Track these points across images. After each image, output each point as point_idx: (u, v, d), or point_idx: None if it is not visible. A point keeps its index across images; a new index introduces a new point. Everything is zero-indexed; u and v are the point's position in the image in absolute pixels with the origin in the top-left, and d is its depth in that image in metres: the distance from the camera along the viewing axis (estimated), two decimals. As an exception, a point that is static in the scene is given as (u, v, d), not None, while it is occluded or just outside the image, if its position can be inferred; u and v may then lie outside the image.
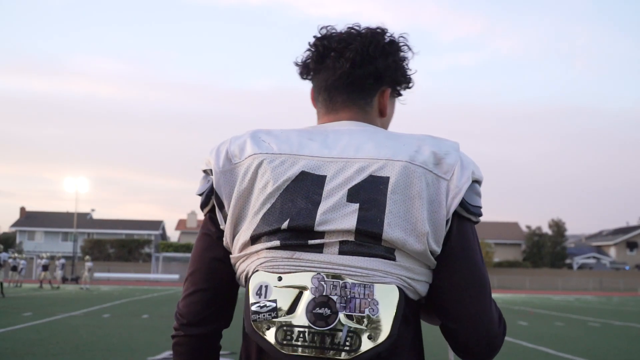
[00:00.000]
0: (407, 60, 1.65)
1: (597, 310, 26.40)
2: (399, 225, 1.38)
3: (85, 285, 39.47)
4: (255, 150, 1.50)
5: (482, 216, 1.50)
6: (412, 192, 1.39)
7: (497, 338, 1.48)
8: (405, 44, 1.64)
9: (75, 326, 14.34)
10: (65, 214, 78.19)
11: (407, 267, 1.40)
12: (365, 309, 1.35)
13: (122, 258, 67.41)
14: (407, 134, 1.52)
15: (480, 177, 1.47)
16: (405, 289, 1.40)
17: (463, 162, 1.45)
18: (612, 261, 78.32)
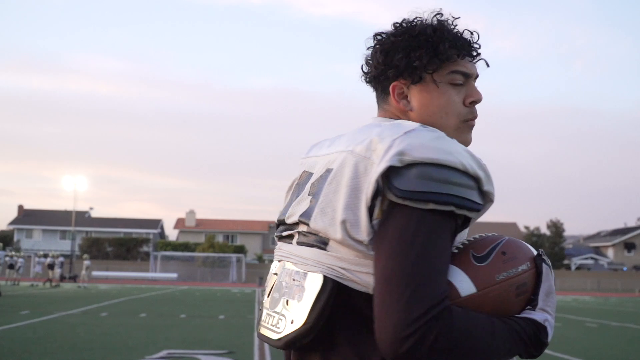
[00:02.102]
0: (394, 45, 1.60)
1: (594, 311, 26.41)
2: (325, 215, 1.43)
3: (83, 283, 39.43)
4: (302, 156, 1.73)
5: (439, 204, 1.34)
6: (343, 181, 1.42)
7: (401, 344, 1.27)
8: (387, 35, 1.63)
9: (72, 325, 14.33)
10: (64, 212, 78.12)
11: (340, 257, 1.41)
12: (295, 296, 1.46)
13: (120, 257, 67.38)
14: (394, 123, 1.50)
15: (421, 157, 1.36)
16: (339, 279, 1.41)
17: (394, 144, 1.38)
18: (610, 262, 78.38)
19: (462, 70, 1.58)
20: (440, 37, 1.57)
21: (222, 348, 10.73)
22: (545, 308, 1.47)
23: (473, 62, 1.62)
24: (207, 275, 59.58)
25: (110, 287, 40.64)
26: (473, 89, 1.60)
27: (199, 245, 66.26)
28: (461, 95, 1.59)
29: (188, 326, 14.66)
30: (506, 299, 1.43)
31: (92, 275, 48.45)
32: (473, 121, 1.61)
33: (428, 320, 1.28)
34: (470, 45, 1.61)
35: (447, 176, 1.36)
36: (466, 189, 1.38)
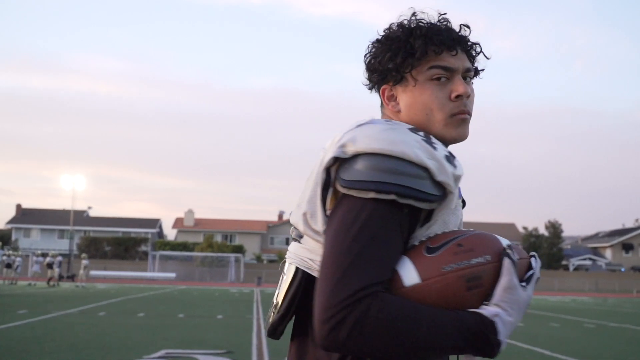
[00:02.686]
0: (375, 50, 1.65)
1: (592, 312, 26.42)
2: (299, 209, 1.55)
3: (81, 283, 39.38)
4: None
5: (381, 192, 1.37)
6: (312, 176, 1.52)
7: (323, 326, 1.31)
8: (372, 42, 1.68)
9: (70, 324, 14.31)
10: (62, 211, 78.11)
11: (309, 249, 1.53)
12: (280, 287, 1.59)
13: (118, 256, 67.34)
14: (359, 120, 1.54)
15: (364, 148, 1.40)
16: (308, 269, 1.52)
17: (344, 137, 1.45)
18: (608, 263, 78.45)
19: (441, 65, 1.58)
20: (415, 35, 1.59)
21: (221, 348, 10.72)
22: (499, 303, 1.38)
23: (457, 55, 1.60)
24: (205, 275, 59.54)
25: (108, 286, 40.62)
26: (457, 82, 1.58)
27: (197, 245, 66.23)
28: (446, 91, 1.58)
29: (186, 326, 14.65)
30: (454, 291, 1.38)
31: (91, 274, 48.36)
32: (463, 115, 1.58)
33: (350, 304, 1.30)
34: (453, 39, 1.60)
35: (391, 166, 1.39)
36: (412, 178, 1.39)
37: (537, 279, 1.45)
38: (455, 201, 1.50)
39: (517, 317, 1.41)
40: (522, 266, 1.46)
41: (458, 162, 1.48)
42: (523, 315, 1.43)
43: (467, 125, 1.61)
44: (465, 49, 1.63)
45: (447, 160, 1.44)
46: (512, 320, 1.40)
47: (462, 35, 1.63)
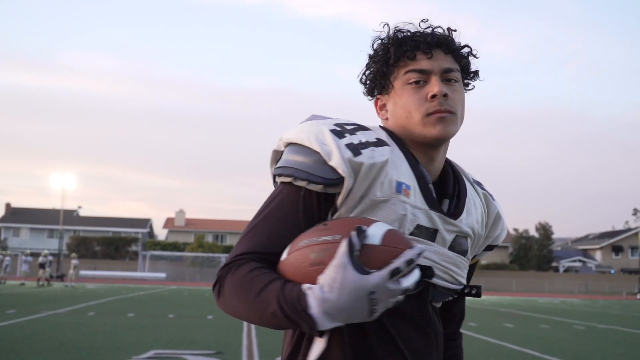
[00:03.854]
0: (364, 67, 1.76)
1: (582, 313, 26.51)
2: None
3: (70, 283, 39.22)
4: None
5: (282, 176, 1.58)
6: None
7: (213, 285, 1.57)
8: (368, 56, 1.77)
9: (59, 324, 14.25)
10: (52, 210, 77.80)
11: None
12: None
13: (108, 256, 67.16)
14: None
15: (285, 139, 1.61)
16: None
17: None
18: (598, 265, 78.74)
19: (415, 69, 1.65)
20: (390, 44, 1.68)
21: (210, 348, 10.70)
22: (321, 279, 1.40)
23: (432, 57, 1.65)
24: (196, 275, 59.44)
25: (98, 286, 40.50)
26: (432, 83, 1.63)
27: (188, 245, 66.14)
28: (424, 92, 1.64)
29: (176, 326, 14.61)
30: (299, 266, 1.45)
31: (80, 274, 48.25)
32: (440, 114, 1.62)
33: (222, 269, 1.55)
34: (428, 42, 1.66)
35: (294, 152, 1.58)
36: (309, 162, 1.55)
37: (398, 272, 1.37)
38: (388, 194, 1.56)
39: (338, 297, 1.38)
40: (379, 252, 1.41)
41: (368, 152, 1.55)
42: (353, 298, 1.37)
43: (448, 123, 1.63)
44: (448, 50, 1.68)
45: (348, 148, 1.53)
46: (331, 299, 1.38)
47: (441, 37, 1.69)
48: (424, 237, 1.61)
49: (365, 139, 1.59)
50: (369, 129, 1.65)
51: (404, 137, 1.68)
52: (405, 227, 1.58)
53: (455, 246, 1.69)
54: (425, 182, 1.64)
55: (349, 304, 1.38)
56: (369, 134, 1.62)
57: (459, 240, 1.70)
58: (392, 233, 1.45)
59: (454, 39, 1.71)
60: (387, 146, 1.61)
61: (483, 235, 1.81)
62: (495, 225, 1.85)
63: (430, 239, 1.62)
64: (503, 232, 1.89)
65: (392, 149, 1.63)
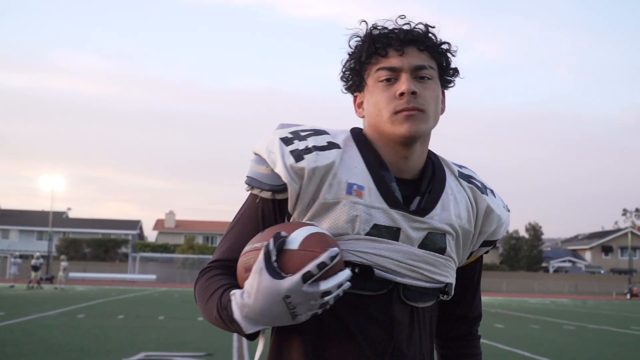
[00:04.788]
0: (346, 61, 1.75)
1: (572, 314, 26.61)
2: None
3: (60, 285, 39.05)
4: None
5: (246, 185, 1.66)
6: None
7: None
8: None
9: (49, 326, 14.21)
10: (41, 212, 77.45)
11: None
12: None
13: (98, 258, 66.88)
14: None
15: (253, 149, 1.66)
16: None
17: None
18: (588, 265, 79.01)
19: (385, 66, 1.64)
20: (365, 39, 1.68)
21: (201, 350, 10.68)
22: (245, 285, 1.47)
23: (403, 55, 1.63)
24: (186, 277, 59.30)
25: (87, 288, 40.35)
26: (401, 80, 1.62)
27: (178, 246, 65.97)
28: (393, 90, 1.63)
29: (166, 328, 14.59)
30: (239, 272, 1.54)
31: (70, 276, 48.07)
32: (408, 112, 1.60)
33: (198, 275, 1.66)
34: (400, 39, 1.64)
35: (254, 161, 1.64)
36: (259, 171, 1.62)
37: (310, 275, 1.39)
38: (338, 196, 1.58)
39: (255, 302, 1.43)
40: (296, 257, 1.43)
41: (312, 156, 1.57)
42: (269, 303, 1.41)
43: (416, 121, 1.61)
44: (422, 47, 1.66)
45: (292, 154, 1.57)
46: (249, 304, 1.44)
47: (416, 34, 1.66)
48: (384, 237, 1.59)
49: (314, 144, 1.60)
50: (327, 133, 1.66)
51: (377, 135, 1.67)
52: (359, 228, 1.58)
53: (427, 244, 1.65)
54: (384, 182, 1.62)
55: (267, 308, 1.43)
56: (322, 138, 1.63)
57: (432, 237, 1.66)
58: (313, 237, 1.46)
59: (431, 35, 1.68)
60: (336, 149, 1.61)
61: (472, 230, 1.76)
62: (488, 220, 1.79)
63: (392, 237, 1.60)
64: (502, 227, 1.83)
65: (345, 151, 1.63)
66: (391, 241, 1.60)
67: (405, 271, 1.61)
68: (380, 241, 1.59)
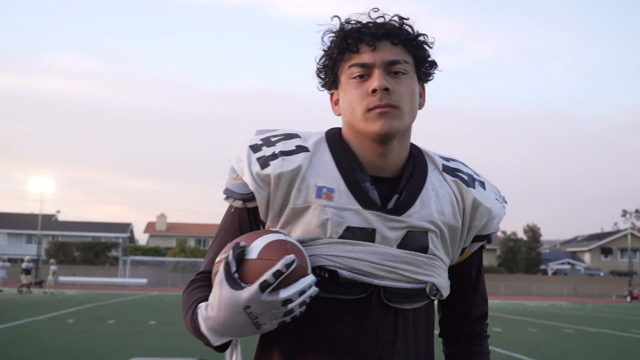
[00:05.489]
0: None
1: (571, 317, 26.65)
2: None
3: (49, 289, 38.99)
4: None
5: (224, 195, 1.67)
6: None
7: None
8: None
9: (38, 331, 14.18)
10: (30, 215, 77.27)
11: None
12: None
13: (88, 261, 66.72)
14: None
15: (229, 159, 1.67)
16: None
17: None
18: (587, 267, 79.13)
19: (356, 63, 1.62)
20: (337, 36, 1.66)
21: (193, 355, 10.68)
22: (210, 297, 1.50)
23: (376, 50, 1.61)
24: (178, 281, 59.22)
25: (77, 292, 40.29)
26: (374, 77, 1.59)
27: (169, 249, 65.87)
28: (365, 87, 1.60)
29: (158, 333, 14.58)
30: (213, 282, 1.53)
31: (59, 280, 47.93)
32: (381, 109, 1.58)
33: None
34: (372, 34, 1.61)
35: (229, 171, 1.65)
36: (231, 180, 1.64)
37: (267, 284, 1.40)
38: (308, 200, 1.58)
39: (217, 314, 1.46)
40: (255, 266, 1.44)
41: (277, 162, 1.58)
42: (231, 314, 1.44)
43: (390, 118, 1.58)
44: (397, 41, 1.63)
45: (258, 161, 1.58)
46: (212, 316, 1.47)
47: (389, 28, 1.63)
48: (358, 239, 1.58)
49: (281, 149, 1.60)
50: (298, 136, 1.65)
51: (353, 134, 1.65)
52: (331, 231, 1.57)
53: (407, 243, 1.61)
54: (356, 182, 1.60)
55: (229, 319, 1.45)
56: (291, 142, 1.62)
57: (412, 236, 1.62)
58: (271, 245, 1.47)
59: (406, 28, 1.65)
60: (304, 152, 1.60)
61: (459, 226, 1.71)
62: (476, 214, 1.72)
63: (368, 239, 1.58)
64: (493, 220, 1.76)
65: (314, 154, 1.62)
66: (366, 243, 1.58)
67: (384, 273, 1.58)
68: (355, 244, 1.57)
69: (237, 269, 1.44)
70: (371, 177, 1.63)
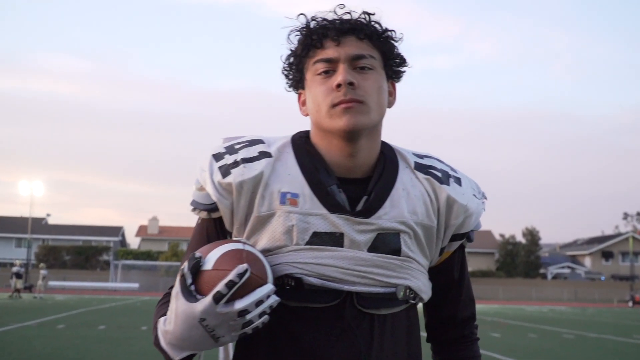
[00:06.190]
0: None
1: (571, 322, 26.67)
2: None
3: (39, 294, 38.89)
4: None
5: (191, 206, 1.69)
6: None
7: None
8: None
9: (28, 337, 14.16)
10: (19, 218, 77.13)
11: None
12: None
13: (78, 266, 66.60)
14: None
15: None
16: None
17: None
18: (587, 271, 79.19)
19: (321, 58, 1.61)
20: (302, 33, 1.66)
21: None
22: (168, 311, 1.51)
23: (340, 45, 1.59)
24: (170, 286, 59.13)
25: (68, 297, 40.21)
26: (339, 71, 1.57)
27: (162, 253, 65.77)
28: (330, 83, 1.58)
29: (149, 339, 14.52)
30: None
31: (49, 285, 47.87)
32: (346, 104, 1.55)
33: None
34: (337, 29, 1.60)
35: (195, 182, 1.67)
36: (196, 191, 1.65)
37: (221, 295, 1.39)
38: (272, 207, 1.57)
39: (174, 327, 1.46)
40: (209, 278, 1.43)
41: (238, 170, 1.58)
42: (187, 327, 1.43)
43: (355, 114, 1.56)
44: (362, 36, 1.61)
45: (220, 170, 1.59)
46: (169, 330, 1.48)
47: (355, 23, 1.62)
48: (326, 244, 1.56)
49: (243, 156, 1.59)
50: (262, 142, 1.64)
51: (321, 133, 1.63)
52: (297, 238, 1.55)
53: (378, 246, 1.58)
54: (321, 186, 1.58)
55: (186, 333, 1.44)
56: (254, 149, 1.62)
57: (383, 239, 1.59)
58: (227, 255, 1.45)
59: (373, 23, 1.64)
60: (266, 158, 1.59)
61: (434, 225, 1.67)
62: (452, 212, 1.68)
63: (336, 244, 1.56)
64: (471, 217, 1.72)
65: (278, 159, 1.61)
66: (335, 248, 1.56)
67: (354, 278, 1.56)
68: (322, 249, 1.55)
69: (193, 281, 1.43)
70: (341, 179, 1.61)
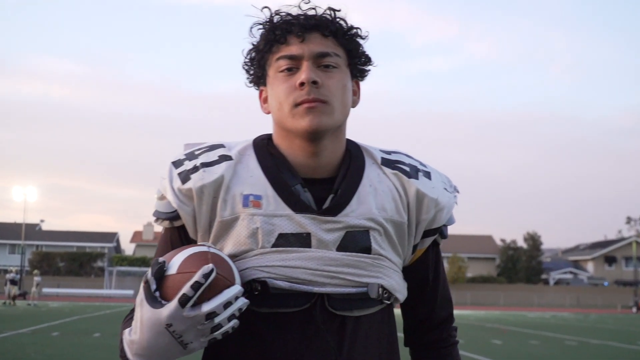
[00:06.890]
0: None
1: (574, 328, 26.68)
2: None
3: (33, 301, 38.83)
4: None
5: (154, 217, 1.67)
6: None
7: None
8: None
9: (22, 345, 14.14)
10: (13, 224, 77.03)
11: None
12: None
13: (73, 272, 66.52)
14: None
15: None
16: None
17: None
18: (590, 276, 79.18)
19: (284, 55, 1.58)
20: (265, 26, 1.63)
21: None
22: (133, 321, 1.48)
23: (304, 41, 1.57)
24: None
25: (62, 304, 40.15)
26: (302, 69, 1.56)
27: (157, 260, 65.70)
28: (293, 81, 1.56)
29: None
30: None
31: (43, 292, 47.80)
32: (309, 103, 1.53)
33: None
34: (301, 25, 1.58)
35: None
36: (157, 200, 1.63)
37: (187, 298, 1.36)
38: (235, 211, 1.55)
39: (140, 336, 1.42)
40: (174, 282, 1.40)
41: (198, 175, 1.56)
42: (154, 335, 1.40)
43: (318, 113, 1.54)
44: (327, 33, 1.59)
45: (179, 176, 1.58)
46: (135, 340, 1.43)
47: (320, 19, 1.60)
48: (293, 245, 1.53)
49: (202, 161, 1.59)
50: (222, 146, 1.64)
51: (283, 133, 1.61)
52: (262, 241, 1.53)
53: (347, 245, 1.56)
54: (285, 186, 1.56)
55: (153, 341, 1.40)
56: (214, 153, 1.61)
57: (352, 237, 1.57)
58: (191, 258, 1.43)
59: (338, 20, 1.62)
60: (227, 162, 1.58)
61: (404, 221, 1.64)
62: (422, 207, 1.64)
63: (303, 245, 1.54)
64: (442, 211, 1.67)
65: (239, 162, 1.60)
66: (302, 249, 1.54)
67: (324, 279, 1.53)
68: (289, 251, 1.53)
69: (157, 287, 1.40)
70: (306, 180, 1.59)
